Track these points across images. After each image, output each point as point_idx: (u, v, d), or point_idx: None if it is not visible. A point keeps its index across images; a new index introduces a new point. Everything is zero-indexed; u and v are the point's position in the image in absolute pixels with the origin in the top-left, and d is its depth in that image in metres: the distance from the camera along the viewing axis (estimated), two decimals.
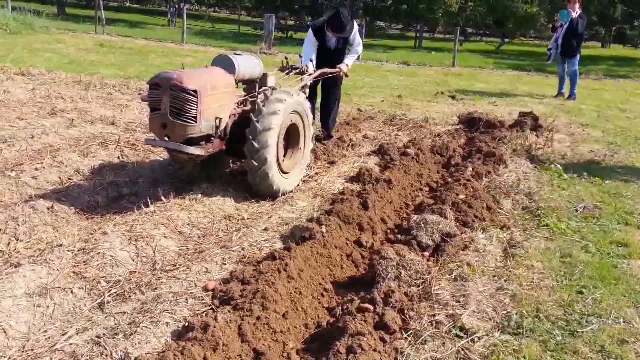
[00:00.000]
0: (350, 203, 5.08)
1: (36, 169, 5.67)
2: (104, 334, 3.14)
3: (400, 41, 33.04)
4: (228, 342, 2.99)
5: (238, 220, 5.02)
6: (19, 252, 4.02)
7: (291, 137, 5.81)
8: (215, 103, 5.01)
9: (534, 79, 17.13)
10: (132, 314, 3.37)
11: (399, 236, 4.84)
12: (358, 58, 8.58)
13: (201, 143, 5.03)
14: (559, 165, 7.01)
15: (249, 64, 5.67)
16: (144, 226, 4.51)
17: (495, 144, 7.78)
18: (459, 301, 3.67)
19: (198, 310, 3.47)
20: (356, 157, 7.20)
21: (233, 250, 4.35)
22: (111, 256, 3.99)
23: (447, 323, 3.40)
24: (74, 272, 3.76)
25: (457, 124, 9.44)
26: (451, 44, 23.92)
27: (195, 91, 4.70)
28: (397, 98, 12.22)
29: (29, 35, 19.62)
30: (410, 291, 3.74)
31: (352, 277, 4.19)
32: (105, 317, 3.36)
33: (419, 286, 3.86)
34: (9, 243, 4.13)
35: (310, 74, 6.90)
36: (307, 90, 6.66)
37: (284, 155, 5.65)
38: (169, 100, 4.68)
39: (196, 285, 3.76)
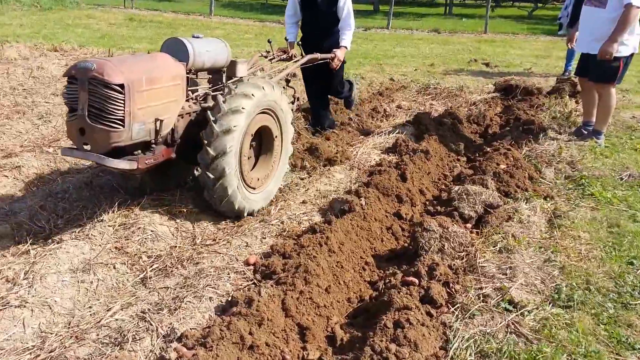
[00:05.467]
0: (388, 175, 5.00)
1: None
2: (148, 310, 3.13)
3: (430, 8, 32.46)
4: (273, 317, 2.95)
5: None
6: (60, 228, 4.04)
7: (263, 141, 4.72)
8: (155, 101, 3.87)
9: None
10: (175, 289, 3.35)
11: (438, 208, 4.75)
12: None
13: (136, 153, 3.91)
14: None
15: (209, 49, 4.49)
16: (182, 200, 4.49)
17: (534, 112, 7.59)
18: (505, 274, 3.58)
19: (240, 285, 3.44)
20: (391, 128, 7.08)
21: (272, 224, 4.31)
22: (151, 231, 3.98)
23: (495, 296, 3.32)
24: (115, 248, 3.76)
25: (493, 92, 9.24)
26: (482, 9, 23.43)
27: (121, 86, 3.57)
28: (430, 67, 12.00)
29: (60, 11, 19.74)
30: (454, 264, 3.65)
31: (392, 250, 4.12)
32: (149, 292, 3.35)
33: (463, 259, 3.78)
34: (49, 220, 4.14)
35: (296, 60, 5.96)
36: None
37: (254, 165, 4.66)
38: (87, 98, 3.56)
39: (237, 260, 3.73)
